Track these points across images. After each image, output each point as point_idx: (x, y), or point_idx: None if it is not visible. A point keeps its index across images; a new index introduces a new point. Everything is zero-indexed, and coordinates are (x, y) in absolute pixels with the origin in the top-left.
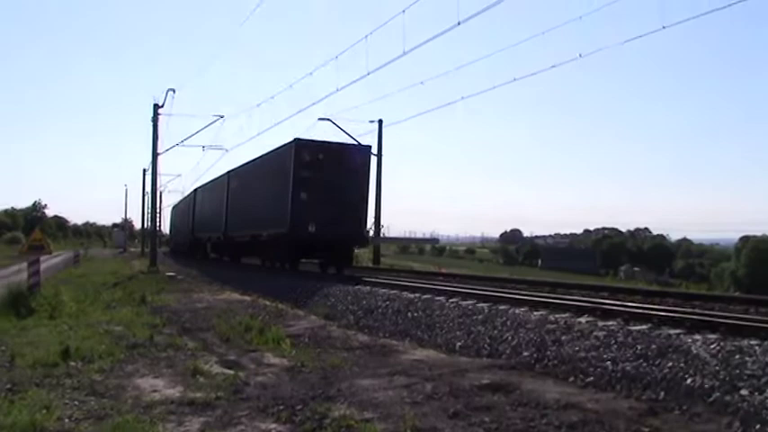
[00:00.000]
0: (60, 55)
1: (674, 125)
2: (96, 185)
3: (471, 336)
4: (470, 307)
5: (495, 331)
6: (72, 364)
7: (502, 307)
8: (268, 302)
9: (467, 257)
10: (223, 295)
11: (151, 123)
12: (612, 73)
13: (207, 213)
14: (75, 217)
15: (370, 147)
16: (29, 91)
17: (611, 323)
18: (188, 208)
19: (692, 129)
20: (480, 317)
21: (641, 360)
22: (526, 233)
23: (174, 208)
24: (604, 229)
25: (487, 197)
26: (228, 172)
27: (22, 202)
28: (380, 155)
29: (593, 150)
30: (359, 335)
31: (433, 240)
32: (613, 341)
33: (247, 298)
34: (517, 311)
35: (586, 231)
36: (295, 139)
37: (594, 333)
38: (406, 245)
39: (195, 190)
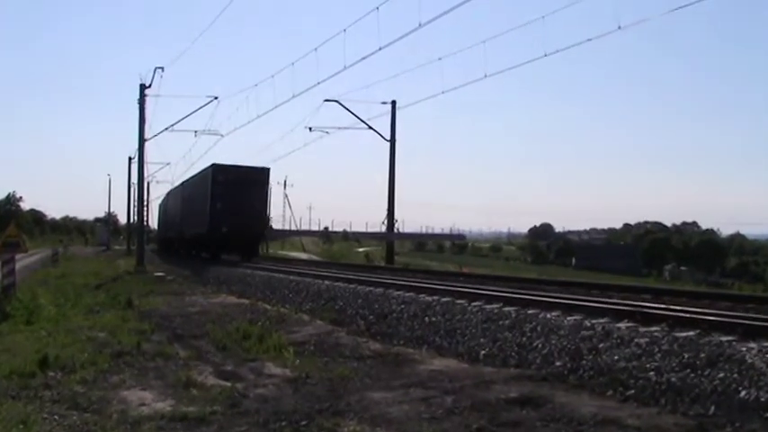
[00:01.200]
0: (31, 19)
1: (735, 103)
2: (77, 175)
3: (497, 343)
4: (496, 311)
5: (524, 338)
6: (51, 374)
7: (531, 311)
8: (268, 306)
9: (491, 255)
10: (218, 298)
11: (137, 105)
12: (662, 45)
13: (175, 213)
14: (54, 211)
15: (269, 168)
16: None
17: (654, 329)
18: (175, 202)
19: (756, 109)
20: (507, 322)
21: (688, 370)
22: (558, 228)
23: (162, 201)
24: (647, 223)
25: (515, 188)
26: (182, 182)
27: None
28: (393, 140)
29: (635, 134)
30: (370, 342)
31: (458, 237)
32: (657, 349)
33: (245, 301)
34: (548, 316)
35: (626, 226)
36: (212, 164)
37: (636, 340)
38: (422, 241)
39: (182, 183)
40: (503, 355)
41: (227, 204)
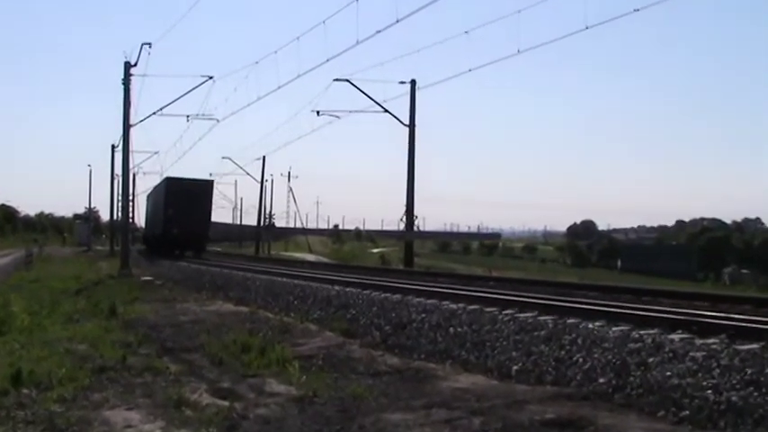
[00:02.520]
0: None
1: None
2: (53, 166)
3: (531, 357)
4: (530, 321)
5: (563, 351)
6: (25, 391)
7: (571, 320)
8: (271, 315)
9: (525, 257)
10: (214, 306)
11: (122, 86)
12: (714, 23)
13: (149, 214)
14: (27, 206)
15: (213, 181)
16: None
17: (711, 341)
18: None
19: None
20: (543, 333)
21: (751, 388)
22: (601, 226)
23: (149, 195)
24: (703, 219)
25: (552, 180)
26: (155, 186)
27: None
28: (413, 124)
29: (691, 120)
30: (387, 356)
31: (491, 236)
32: (715, 364)
33: (244, 309)
34: (591, 326)
35: (679, 223)
36: (166, 177)
37: (691, 354)
38: (446, 241)
39: (154, 188)
40: (538, 370)
41: (178, 210)
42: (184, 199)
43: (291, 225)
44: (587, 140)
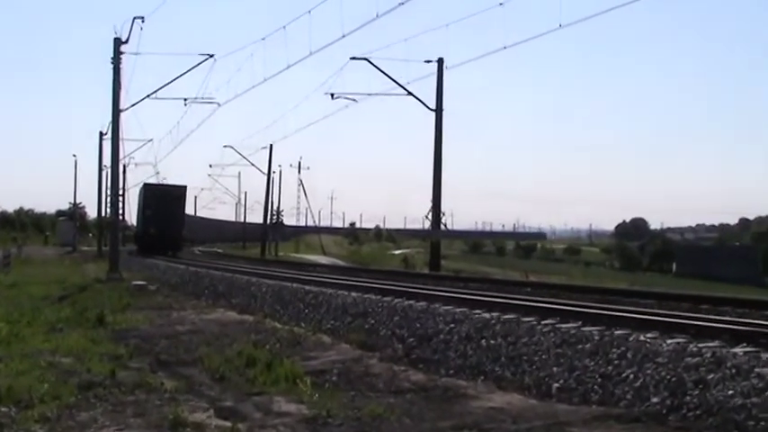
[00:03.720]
0: None
1: None
2: (34, 157)
3: (574, 373)
4: (573, 332)
5: (610, 367)
6: (3, 409)
7: (619, 332)
8: (279, 325)
9: (567, 259)
10: (214, 314)
11: (111, 66)
12: None
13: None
14: (4, 201)
15: (186, 186)
16: None
17: None
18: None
19: None
20: (587, 346)
21: None
22: (654, 224)
23: (141, 190)
24: None
25: (597, 173)
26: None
27: None
28: (440, 109)
29: (755, 105)
30: (410, 372)
31: (536, 235)
32: None
33: (249, 318)
34: (642, 338)
35: (743, 221)
36: (144, 183)
37: (756, 370)
38: (478, 241)
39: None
40: (582, 388)
41: (154, 212)
42: (161, 202)
43: (302, 223)
44: (638, 128)
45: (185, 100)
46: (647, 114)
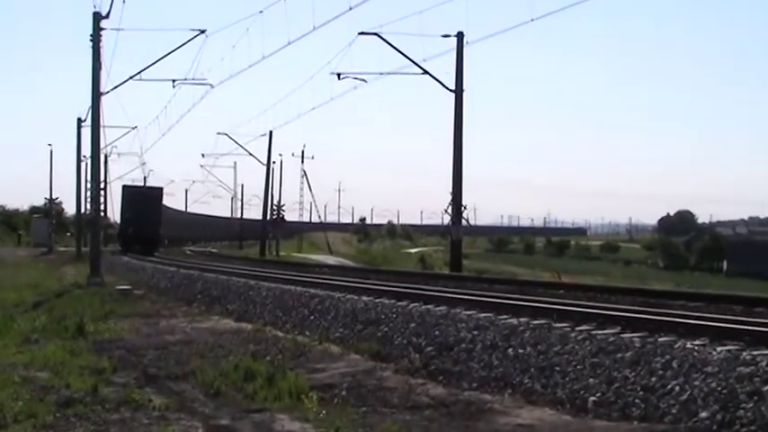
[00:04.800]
0: None
1: None
2: (4, 146)
3: (613, 386)
4: (611, 339)
5: (653, 378)
6: None
7: (664, 339)
8: (280, 333)
9: (604, 257)
10: (208, 322)
11: (90, 43)
12: None
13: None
14: None
15: (162, 187)
16: None
17: None
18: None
19: None
20: (627, 355)
21: None
22: (702, 217)
23: (122, 190)
24: None
25: (637, 161)
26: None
27: None
28: (460, 89)
29: None
30: (429, 385)
31: (576, 231)
32: None
33: (247, 326)
34: (689, 346)
35: None
36: (123, 185)
37: None
38: (503, 238)
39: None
40: (622, 402)
41: (133, 213)
42: (139, 203)
43: (306, 219)
44: (683, 112)
45: (174, 81)
46: (695, 98)
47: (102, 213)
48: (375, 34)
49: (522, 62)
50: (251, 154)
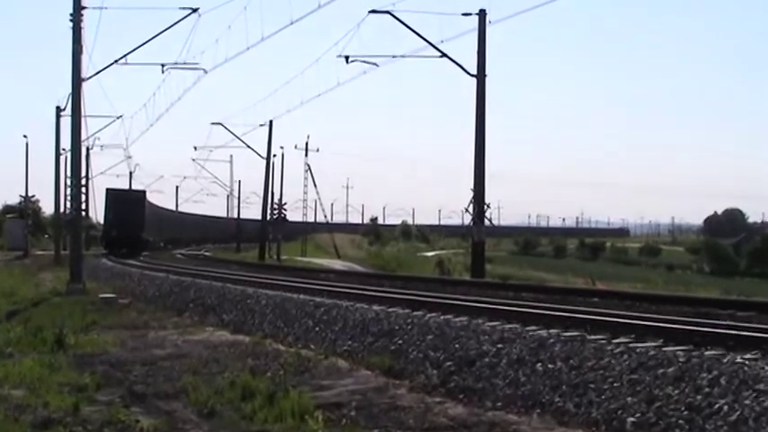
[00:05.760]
0: None
1: None
2: None
3: (654, 405)
4: (652, 353)
5: (699, 396)
6: None
7: (710, 353)
8: (282, 346)
9: (644, 261)
10: (202, 334)
11: (70, 24)
12: None
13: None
14: None
15: (145, 191)
16: None
17: None
18: None
19: None
20: (670, 371)
21: None
22: (753, 216)
23: (105, 193)
24: None
25: (680, 154)
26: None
27: None
28: (482, 74)
29: None
30: (448, 404)
31: (620, 231)
32: None
33: (244, 338)
34: (739, 361)
35: None
36: (107, 189)
37: None
38: (531, 239)
39: None
40: (663, 423)
41: (116, 216)
42: (122, 206)
43: (310, 219)
44: (730, 100)
45: (163, 66)
46: (741, 80)
47: (84, 213)
48: (387, 12)
49: (550, 44)
50: (249, 146)
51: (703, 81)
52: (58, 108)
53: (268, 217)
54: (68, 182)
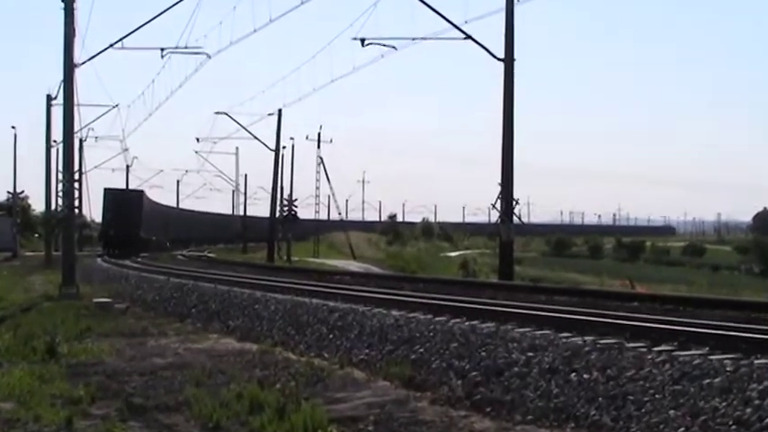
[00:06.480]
0: None
1: None
2: None
3: (699, 419)
4: (697, 362)
5: (748, 410)
6: None
7: (760, 361)
8: (293, 355)
9: (688, 262)
10: (206, 342)
11: (62, 4)
12: None
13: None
14: None
15: (143, 191)
16: None
17: None
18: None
19: None
20: (716, 381)
21: None
22: None
23: (104, 193)
24: None
25: (727, 144)
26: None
27: None
28: (510, 58)
29: None
30: (473, 417)
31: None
32: None
33: (252, 346)
34: None
35: None
36: (105, 189)
37: None
38: (563, 238)
39: None
40: None
41: (113, 215)
42: (119, 206)
43: (323, 216)
44: None
45: (162, 51)
46: None
47: (77, 210)
48: None
49: (583, 25)
50: (256, 137)
51: (753, 69)
52: (48, 96)
53: (277, 214)
54: (60, 177)
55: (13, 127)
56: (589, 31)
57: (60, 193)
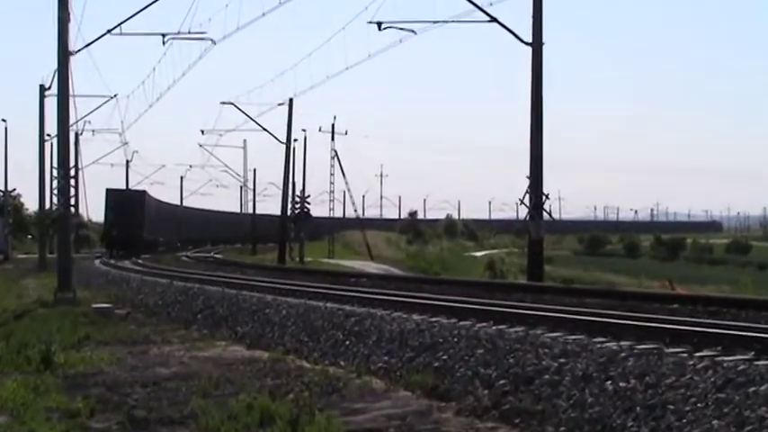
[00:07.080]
0: None
1: None
2: None
3: (745, 429)
4: (741, 368)
5: None
6: None
7: None
8: (307, 364)
9: (732, 260)
10: (212, 350)
11: None
12: None
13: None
14: None
15: (145, 191)
16: None
17: None
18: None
19: None
20: (763, 389)
21: None
22: None
23: (106, 194)
24: None
25: None
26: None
27: None
28: (539, 43)
29: None
30: (502, 429)
31: (710, 225)
32: None
33: (262, 354)
34: None
35: None
36: (107, 189)
37: None
38: (597, 236)
39: None
40: None
41: (116, 215)
42: (121, 206)
43: (338, 214)
44: None
45: (164, 36)
46: None
47: (74, 209)
48: None
49: (616, 9)
50: (265, 129)
51: None
52: (41, 87)
53: (289, 212)
54: (55, 173)
55: (3, 120)
56: (620, 14)
57: (55, 191)
